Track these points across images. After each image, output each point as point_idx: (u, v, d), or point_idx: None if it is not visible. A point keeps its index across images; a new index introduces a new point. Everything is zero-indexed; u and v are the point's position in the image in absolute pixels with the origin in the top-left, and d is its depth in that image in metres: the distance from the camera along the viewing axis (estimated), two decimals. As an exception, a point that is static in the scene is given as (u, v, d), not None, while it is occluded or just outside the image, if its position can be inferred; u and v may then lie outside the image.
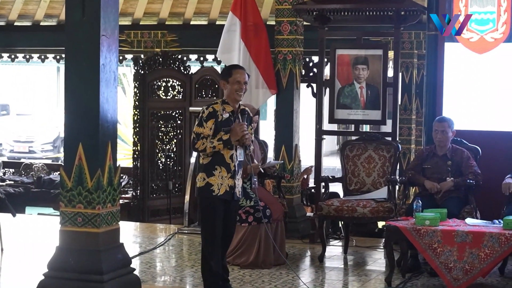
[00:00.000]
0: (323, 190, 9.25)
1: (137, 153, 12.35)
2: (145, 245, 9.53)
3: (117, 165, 6.75)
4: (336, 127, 16.18)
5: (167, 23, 14.54)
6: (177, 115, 12.64)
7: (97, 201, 6.55)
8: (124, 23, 14.21)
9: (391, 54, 10.85)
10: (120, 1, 13.54)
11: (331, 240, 9.79)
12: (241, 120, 7.06)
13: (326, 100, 9.96)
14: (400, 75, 11.11)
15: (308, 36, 10.51)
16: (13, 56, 15.94)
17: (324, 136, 10.02)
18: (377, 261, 8.96)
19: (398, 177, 9.06)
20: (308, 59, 10.96)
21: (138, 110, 12.31)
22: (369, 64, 9.66)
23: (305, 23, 10.37)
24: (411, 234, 7.55)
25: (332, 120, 9.94)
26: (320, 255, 8.80)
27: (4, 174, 15.63)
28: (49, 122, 27.59)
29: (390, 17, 9.53)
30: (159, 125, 12.53)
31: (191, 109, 11.99)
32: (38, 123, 27.75)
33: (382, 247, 9.13)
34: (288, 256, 8.70)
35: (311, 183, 12.62)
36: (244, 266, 8.32)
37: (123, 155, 16.86)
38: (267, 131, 13.59)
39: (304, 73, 10.61)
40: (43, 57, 15.80)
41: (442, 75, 9.39)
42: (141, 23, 14.65)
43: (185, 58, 13.74)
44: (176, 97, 12.64)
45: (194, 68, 13.53)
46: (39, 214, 13.72)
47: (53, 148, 27.19)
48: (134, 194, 12.46)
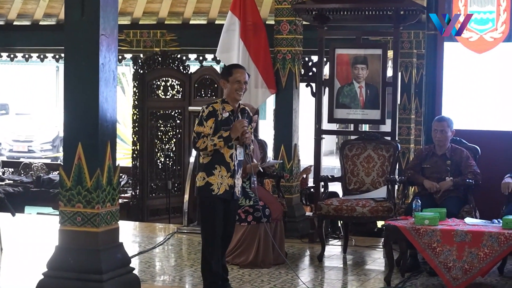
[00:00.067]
0: (322, 189, 9.25)
1: (136, 152, 12.35)
2: (145, 244, 9.53)
3: (117, 164, 6.74)
4: (335, 126, 16.15)
5: (166, 22, 14.54)
6: (176, 114, 12.64)
7: (96, 201, 6.55)
8: (123, 22, 14.21)
9: (390, 53, 10.84)
10: (119, 0, 13.53)
11: (330, 239, 9.78)
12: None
13: (325, 100, 9.96)
14: (399, 74, 11.11)
15: (307, 35, 10.51)
16: (12, 56, 15.95)
17: (323, 136, 10.02)
18: (376, 260, 8.95)
19: (398, 176, 9.05)
20: (307, 58, 10.95)
21: (137, 110, 12.31)
22: (368, 64, 9.66)
23: (304, 22, 10.37)
24: (410, 234, 7.55)
25: (331, 119, 9.94)
26: (319, 255, 8.79)
27: (3, 173, 15.63)
28: (48, 121, 27.60)
29: (390, 16, 9.54)
30: (158, 125, 12.53)
31: (190, 108, 11.98)
32: (37, 123, 27.75)
33: (381, 246, 9.13)
34: (287, 256, 8.69)
35: (310, 182, 12.63)
36: (244, 266, 8.32)
37: (122, 154, 16.84)
38: (266, 130, 13.59)
39: (303, 72, 10.60)
40: (42, 56, 15.81)
41: (441, 74, 9.39)
42: (140, 22, 14.65)
43: (184, 58, 13.74)
44: (175, 97, 12.64)
45: (193, 67, 13.53)
46: (38, 213, 13.72)
47: (52, 147, 27.20)
48: (133, 193, 12.46)
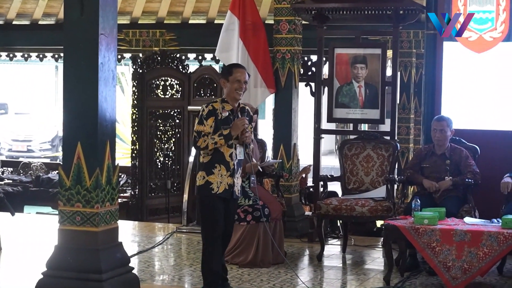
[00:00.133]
0: (321, 189, 9.25)
1: (135, 152, 12.35)
2: (144, 244, 9.53)
3: (116, 164, 6.74)
4: (334, 126, 16.14)
5: (165, 22, 14.54)
6: (175, 114, 12.64)
7: (95, 200, 6.55)
8: (123, 22, 14.21)
9: (389, 53, 10.85)
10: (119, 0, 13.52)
11: (329, 239, 9.78)
12: None
13: (324, 99, 9.96)
14: (398, 74, 11.13)
15: (307, 35, 10.50)
16: (11, 55, 15.95)
17: (322, 135, 10.01)
18: (376, 260, 8.95)
19: (397, 176, 9.05)
20: (307, 58, 10.95)
21: (136, 109, 12.31)
22: (367, 63, 9.65)
23: (303, 22, 10.36)
24: (409, 233, 7.54)
25: (330, 119, 9.94)
26: (318, 254, 8.79)
27: (3, 173, 15.62)
28: (47, 121, 27.60)
29: (389, 16, 9.53)
30: (158, 124, 12.53)
31: (189, 108, 11.98)
32: (36, 122, 27.75)
33: (381, 246, 9.13)
34: (286, 255, 8.69)
35: (309, 182, 12.63)
36: (243, 265, 8.31)
37: (121, 154, 16.83)
38: (265, 130, 13.59)
39: (302, 72, 10.60)
40: (41, 56, 15.82)
41: (440, 74, 9.39)
42: (139, 22, 14.65)
43: (183, 57, 13.74)
44: (175, 96, 12.64)
45: (193, 67, 13.54)
46: (37, 213, 13.73)
47: (51, 147, 27.19)
48: (132, 193, 12.46)
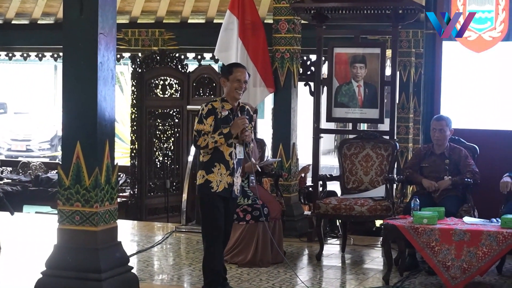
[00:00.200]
0: (320, 188, 9.25)
1: (134, 151, 12.35)
2: (143, 243, 9.52)
3: (115, 163, 6.74)
4: (333, 125, 16.13)
5: (164, 21, 14.54)
6: (174, 113, 12.64)
7: (95, 200, 6.55)
8: (122, 21, 14.21)
9: (389, 52, 10.84)
10: (118, -1, 13.53)
11: (328, 238, 9.77)
12: None
13: (323, 99, 9.96)
14: (398, 73, 11.12)
15: (306, 34, 10.50)
16: (10, 55, 15.95)
17: (321, 135, 10.01)
18: (375, 259, 8.95)
19: (396, 175, 9.04)
20: (306, 57, 10.95)
21: (135, 109, 12.31)
22: (367, 63, 9.65)
23: (302, 21, 10.36)
24: (409, 233, 7.54)
25: (329, 118, 9.93)
26: (317, 254, 8.79)
27: (2, 172, 15.62)
28: (46, 120, 27.60)
29: (388, 15, 9.53)
30: (157, 124, 12.53)
31: (188, 107, 11.98)
32: (35, 122, 27.75)
33: (380, 245, 9.12)
34: (285, 255, 8.69)
35: (308, 181, 12.62)
36: (242, 265, 8.31)
37: (120, 153, 16.83)
38: (264, 129, 13.59)
39: (301, 71, 10.59)
40: (40, 55, 15.81)
41: (440, 73, 9.39)
42: (138, 21, 14.64)
43: (182, 57, 13.74)
44: (174, 96, 12.64)
45: (192, 66, 13.53)
46: (36, 212, 13.72)
47: (50, 146, 27.20)
48: (131, 192, 12.46)
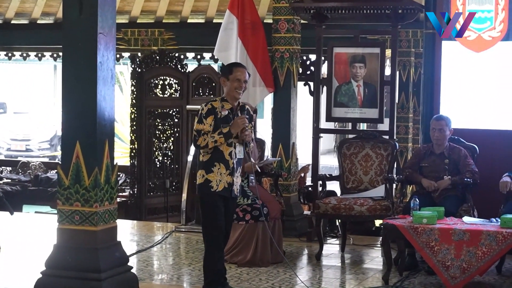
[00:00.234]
0: (320, 188, 9.25)
1: (134, 151, 12.35)
2: (143, 243, 9.52)
3: (115, 163, 6.74)
4: (333, 125, 16.14)
5: (164, 21, 14.54)
6: (174, 113, 12.64)
7: (94, 199, 6.55)
8: (121, 21, 14.21)
9: (388, 52, 10.84)
10: (117, -1, 13.53)
11: (328, 238, 9.77)
12: None
13: (323, 99, 9.96)
14: (397, 73, 11.12)
15: (306, 34, 10.49)
16: (10, 54, 15.95)
17: (321, 135, 10.01)
18: (375, 259, 8.95)
19: (396, 175, 9.05)
20: (306, 57, 10.94)
21: (135, 108, 12.31)
22: (366, 62, 9.65)
23: (302, 21, 10.36)
24: (408, 233, 7.54)
25: (329, 118, 9.94)
26: (317, 253, 8.79)
27: (1, 172, 15.62)
28: (46, 120, 27.58)
29: (388, 15, 9.53)
30: (156, 123, 12.53)
31: (188, 107, 11.99)
32: (35, 122, 27.74)
33: (380, 245, 9.11)
34: (285, 254, 8.68)
35: (308, 181, 12.63)
36: (242, 265, 8.31)
37: (120, 153, 16.83)
38: (264, 129, 13.58)
39: (301, 71, 10.58)
40: (40, 55, 15.82)
41: (439, 73, 9.39)
42: (138, 21, 14.65)
43: (182, 56, 13.75)
44: (173, 95, 12.64)
45: (191, 66, 13.53)
46: (36, 212, 13.72)
47: (50, 146, 27.19)
48: (131, 192, 12.46)
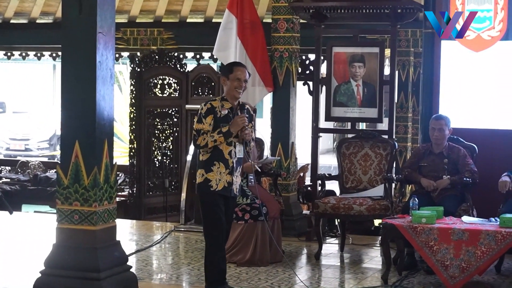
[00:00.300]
0: (319, 188, 9.25)
1: (133, 151, 12.35)
2: (142, 242, 9.52)
3: (114, 162, 6.74)
4: (332, 125, 16.14)
5: (163, 20, 14.55)
6: (173, 112, 12.64)
7: (93, 199, 6.55)
8: (120, 20, 14.21)
9: (387, 52, 10.84)
10: (117, -2, 13.53)
11: (327, 238, 9.77)
12: None
13: (322, 98, 9.97)
14: (396, 73, 11.12)
15: (305, 34, 10.49)
16: (9, 54, 15.95)
17: (320, 134, 10.02)
18: (374, 259, 8.96)
19: (395, 175, 9.05)
20: (305, 57, 10.94)
21: (134, 108, 12.31)
22: (365, 62, 9.66)
23: (301, 21, 10.36)
24: (407, 232, 7.54)
25: (328, 118, 9.95)
26: (316, 253, 8.79)
27: (1, 172, 15.61)
28: (45, 120, 27.58)
29: (387, 15, 9.54)
30: (156, 123, 12.53)
31: (187, 106, 11.99)
32: (34, 121, 27.74)
33: (379, 245, 9.12)
34: (284, 254, 8.68)
35: (307, 181, 12.62)
36: (241, 264, 8.31)
37: (119, 153, 16.83)
38: (263, 129, 13.58)
39: (300, 71, 10.58)
40: (39, 54, 15.82)
41: (438, 73, 9.39)
42: (137, 20, 14.65)
43: (181, 56, 13.76)
44: (173, 95, 12.64)
45: (191, 65, 13.53)
46: (35, 212, 13.72)
47: (49, 146, 27.19)
48: (130, 192, 12.46)
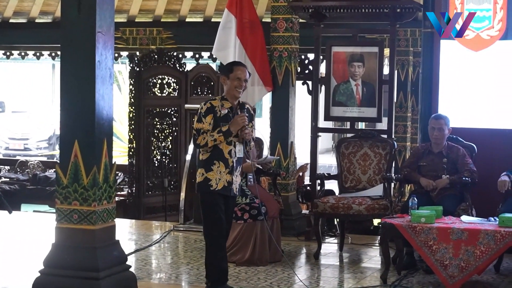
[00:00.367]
0: (318, 187, 9.25)
1: (132, 150, 12.35)
2: (141, 242, 9.52)
3: (113, 162, 6.74)
4: (331, 124, 16.14)
5: (162, 20, 14.55)
6: (172, 112, 12.64)
7: (92, 198, 6.55)
8: (120, 20, 14.21)
9: (386, 51, 10.85)
10: (116, -2, 13.53)
11: (326, 237, 9.78)
12: None
13: (321, 98, 9.97)
14: (395, 72, 11.10)
15: (304, 33, 10.50)
16: (8, 53, 15.95)
17: (319, 134, 10.02)
18: (373, 258, 8.96)
19: (394, 174, 9.05)
20: (304, 56, 10.95)
21: (133, 108, 12.31)
22: (364, 62, 9.66)
23: (300, 20, 10.36)
24: (406, 232, 7.55)
25: (327, 117, 9.95)
26: (315, 253, 8.79)
27: (0, 171, 15.61)
28: (44, 119, 27.58)
29: (386, 14, 9.54)
30: (155, 123, 12.53)
31: (186, 106, 11.99)
32: (33, 121, 27.74)
33: (378, 244, 9.13)
34: (283, 253, 8.68)
35: (306, 180, 12.63)
36: (240, 263, 8.31)
37: (118, 152, 16.83)
38: (262, 128, 13.57)
39: (299, 70, 10.58)
40: (38, 54, 15.82)
41: (437, 72, 9.39)
42: (136, 20, 14.65)
43: (180, 55, 13.76)
44: (172, 94, 12.64)
45: (190, 65, 13.53)
46: (34, 211, 13.71)
47: (48, 145, 27.18)
48: (129, 191, 12.46)
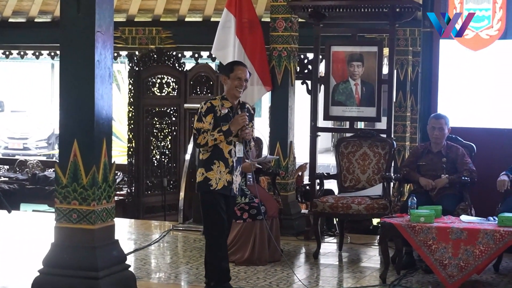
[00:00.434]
0: (318, 187, 9.25)
1: (132, 150, 12.36)
2: (140, 241, 9.53)
3: (112, 161, 6.74)
4: (331, 124, 16.15)
5: (161, 19, 14.55)
6: (172, 112, 12.64)
7: (92, 198, 6.54)
8: (119, 19, 14.22)
9: (386, 51, 10.85)
10: (115, -3, 13.52)
11: (325, 237, 9.78)
12: None
13: (321, 97, 9.97)
14: (395, 72, 11.10)
15: (303, 33, 10.50)
16: (7, 53, 15.96)
17: (318, 133, 10.02)
18: (372, 258, 8.96)
19: (393, 174, 9.06)
20: (303, 56, 10.95)
21: (132, 107, 12.31)
22: (364, 61, 9.66)
23: (300, 20, 10.36)
24: (406, 231, 7.55)
25: (327, 117, 9.95)
26: (315, 252, 8.79)
27: (-1, 170, 15.63)
28: (43, 119, 27.58)
29: (385, 14, 9.54)
30: (154, 122, 12.54)
31: (185, 105, 11.99)
32: (32, 120, 27.74)
33: (377, 244, 9.13)
34: (283, 253, 8.68)
35: (306, 180, 12.63)
36: (239, 263, 8.31)
37: (117, 152, 16.82)
38: (261, 128, 13.57)
39: (299, 70, 10.59)
40: (37, 53, 15.82)
41: (437, 72, 9.39)
42: (135, 19, 14.66)
43: (179, 55, 13.76)
44: (171, 94, 12.64)
45: (189, 64, 13.53)
46: (34, 211, 13.72)
47: (47, 145, 27.19)
48: (129, 191, 12.46)
